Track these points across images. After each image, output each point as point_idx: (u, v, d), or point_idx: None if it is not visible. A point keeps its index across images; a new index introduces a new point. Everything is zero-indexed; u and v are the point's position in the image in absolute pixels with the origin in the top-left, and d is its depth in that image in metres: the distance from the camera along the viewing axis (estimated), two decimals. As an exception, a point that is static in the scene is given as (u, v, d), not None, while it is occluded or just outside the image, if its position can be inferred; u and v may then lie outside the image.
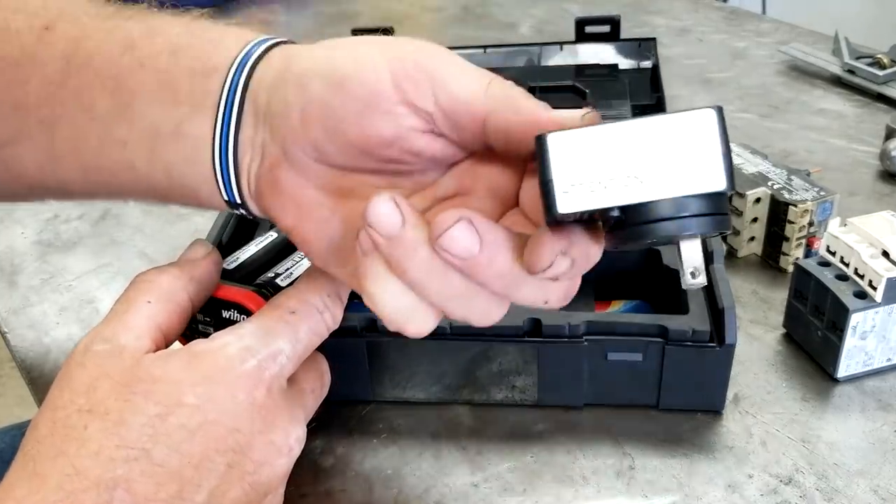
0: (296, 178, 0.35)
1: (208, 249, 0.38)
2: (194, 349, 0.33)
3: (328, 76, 0.34)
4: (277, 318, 0.35)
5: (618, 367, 0.44)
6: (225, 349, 0.33)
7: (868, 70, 0.80)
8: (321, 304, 0.37)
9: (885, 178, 0.67)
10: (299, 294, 0.37)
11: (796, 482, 0.42)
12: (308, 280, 0.38)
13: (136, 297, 0.35)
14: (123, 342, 0.34)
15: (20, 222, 0.70)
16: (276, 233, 0.46)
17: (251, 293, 0.40)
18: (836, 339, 0.46)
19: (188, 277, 0.37)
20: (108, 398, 0.32)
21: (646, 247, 0.47)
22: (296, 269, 0.43)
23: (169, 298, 0.35)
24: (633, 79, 0.73)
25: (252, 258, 0.44)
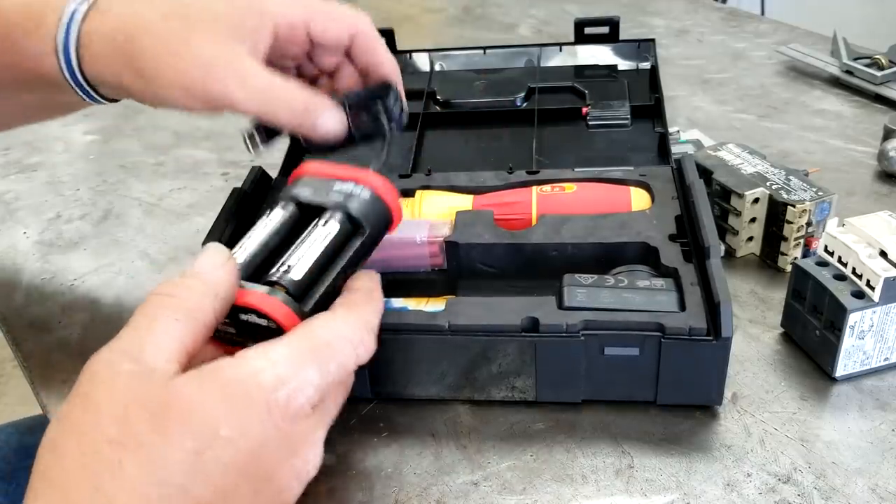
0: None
1: (225, 256, 0.37)
2: (226, 374, 0.32)
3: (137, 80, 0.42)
4: (311, 348, 0.35)
5: (615, 362, 0.44)
6: (257, 377, 0.32)
7: (866, 71, 0.80)
8: (357, 339, 0.37)
9: (883, 178, 0.67)
10: (336, 326, 0.36)
11: (794, 481, 0.42)
12: (346, 309, 0.38)
13: (161, 313, 0.34)
14: (153, 364, 0.32)
15: (22, 222, 0.71)
16: (274, 216, 0.43)
17: (273, 300, 0.37)
18: (834, 339, 0.46)
19: (213, 294, 0.35)
20: (141, 430, 0.30)
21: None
22: (308, 253, 0.40)
23: (195, 317, 0.34)
24: (632, 79, 0.73)
25: (259, 249, 0.41)
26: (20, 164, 0.80)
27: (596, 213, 0.52)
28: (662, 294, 0.45)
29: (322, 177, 0.43)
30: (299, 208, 0.43)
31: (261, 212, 0.44)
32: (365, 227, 0.41)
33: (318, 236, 0.40)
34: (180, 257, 0.64)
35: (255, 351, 0.34)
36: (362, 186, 0.42)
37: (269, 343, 0.34)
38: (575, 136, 0.65)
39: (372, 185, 0.42)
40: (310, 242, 0.40)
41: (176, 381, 0.31)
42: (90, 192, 0.74)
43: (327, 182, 0.43)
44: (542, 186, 0.55)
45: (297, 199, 0.43)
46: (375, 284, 0.41)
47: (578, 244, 0.50)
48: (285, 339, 0.35)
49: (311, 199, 0.42)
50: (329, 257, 0.40)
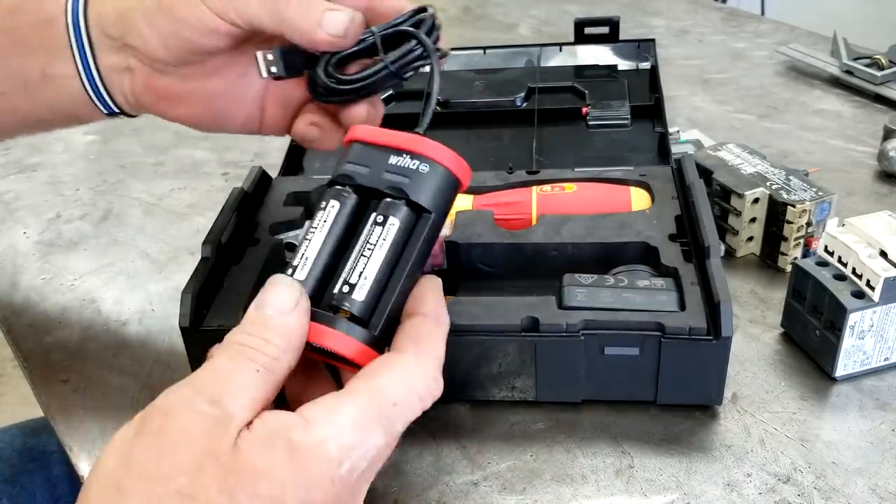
0: (170, 81, 0.44)
1: (296, 295, 0.35)
2: (293, 440, 0.31)
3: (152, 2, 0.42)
4: (378, 411, 0.33)
5: (615, 361, 0.44)
6: (325, 447, 0.31)
7: (866, 71, 0.80)
8: (425, 390, 0.34)
9: (883, 178, 0.67)
10: (405, 380, 0.34)
11: (794, 481, 0.42)
12: (416, 351, 0.35)
13: (244, 362, 0.32)
14: (232, 410, 0.31)
15: (22, 222, 0.71)
16: (331, 212, 0.38)
17: (343, 339, 0.35)
18: (834, 339, 0.46)
19: (290, 347, 0.34)
20: (210, 487, 0.29)
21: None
22: (369, 266, 0.36)
23: (274, 370, 0.33)
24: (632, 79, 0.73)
25: (320, 260, 0.37)
26: (20, 164, 0.80)
27: (596, 213, 0.52)
28: (662, 294, 0.45)
29: (375, 145, 0.38)
30: (355, 191, 0.38)
31: (317, 199, 0.40)
32: (430, 210, 0.37)
33: (378, 239, 0.36)
34: (180, 257, 0.64)
35: (323, 411, 0.32)
36: (420, 159, 0.37)
37: (336, 401, 0.32)
38: (575, 136, 0.65)
39: (430, 155, 0.37)
40: (369, 249, 0.36)
41: (248, 437, 0.30)
42: (90, 192, 0.74)
43: (381, 154, 0.38)
44: (542, 186, 0.55)
45: (352, 182, 0.38)
46: (441, 302, 0.38)
47: (578, 244, 0.50)
48: (351, 398, 0.33)
49: (366, 182, 0.38)
50: (393, 261, 0.37)
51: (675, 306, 0.44)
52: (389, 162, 0.37)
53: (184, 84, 0.44)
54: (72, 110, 0.47)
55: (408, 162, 0.37)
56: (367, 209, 0.38)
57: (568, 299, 0.45)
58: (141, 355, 0.54)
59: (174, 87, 0.44)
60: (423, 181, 0.37)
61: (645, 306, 0.44)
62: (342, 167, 0.39)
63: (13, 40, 0.45)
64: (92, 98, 0.45)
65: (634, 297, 0.45)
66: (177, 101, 0.45)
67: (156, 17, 0.42)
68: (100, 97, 0.45)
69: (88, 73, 0.44)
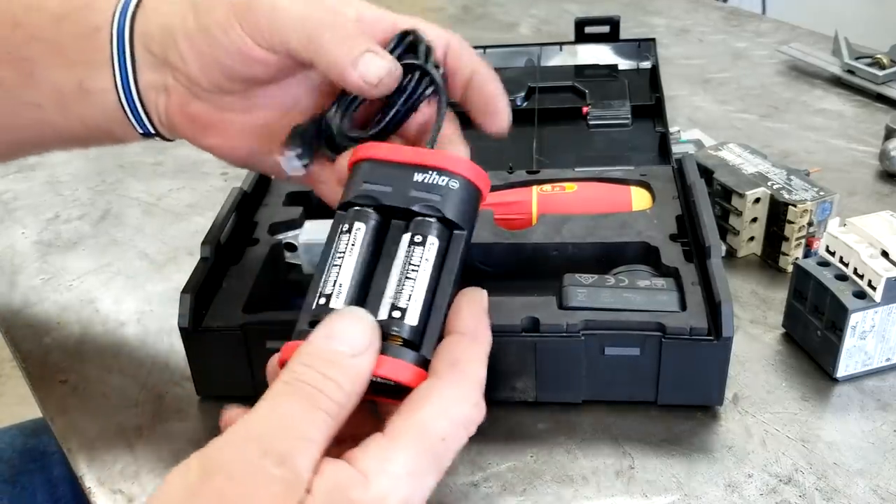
0: (206, 108, 0.42)
1: (369, 335, 0.32)
2: (355, 499, 0.29)
3: (193, 21, 0.40)
4: (428, 451, 0.31)
5: (616, 362, 0.44)
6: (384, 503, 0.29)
7: (868, 70, 0.80)
8: (468, 419, 0.33)
9: (885, 178, 0.67)
10: (449, 411, 0.32)
11: (796, 482, 0.42)
12: (455, 377, 0.33)
13: (316, 412, 0.30)
14: (301, 469, 0.28)
15: (20, 222, 0.70)
16: (357, 236, 0.36)
17: (403, 367, 0.33)
18: (835, 339, 0.46)
19: (358, 392, 0.32)
20: None
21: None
22: (416, 290, 0.35)
23: (339, 417, 0.31)
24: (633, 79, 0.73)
25: (356, 287, 0.35)
26: (19, 164, 0.80)
27: (596, 213, 0.51)
28: (663, 294, 0.45)
29: (393, 163, 0.37)
30: (378, 210, 0.37)
31: (336, 223, 0.37)
32: (463, 227, 0.36)
33: (420, 260, 0.35)
34: (179, 257, 0.64)
35: (376, 462, 0.30)
36: (447, 175, 0.36)
37: (388, 449, 0.30)
38: (575, 136, 0.65)
39: (457, 171, 0.36)
40: (413, 271, 0.35)
41: (313, 499, 0.28)
42: (89, 192, 0.74)
43: (402, 171, 0.36)
44: (542, 186, 0.54)
45: (376, 203, 0.36)
46: (482, 315, 0.36)
47: (579, 244, 0.50)
48: (401, 442, 0.31)
49: (393, 201, 0.36)
50: (435, 280, 0.35)
51: (676, 306, 0.44)
52: (415, 179, 0.36)
53: (220, 113, 0.42)
54: (106, 127, 0.45)
55: (435, 178, 0.36)
56: (390, 229, 0.37)
57: (568, 299, 0.45)
58: (140, 355, 0.54)
59: (210, 114, 0.42)
60: (454, 197, 0.36)
61: (645, 306, 0.44)
62: (359, 187, 0.37)
63: (55, 50, 0.43)
64: (128, 115, 0.43)
65: (635, 298, 0.44)
66: (211, 129, 0.43)
67: (194, 37, 0.40)
68: (136, 115, 0.43)
69: (127, 88, 0.42)
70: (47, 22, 0.43)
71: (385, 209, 0.37)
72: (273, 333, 0.46)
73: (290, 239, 0.53)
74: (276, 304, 0.51)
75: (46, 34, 0.43)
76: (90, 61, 0.42)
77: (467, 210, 0.37)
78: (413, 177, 0.36)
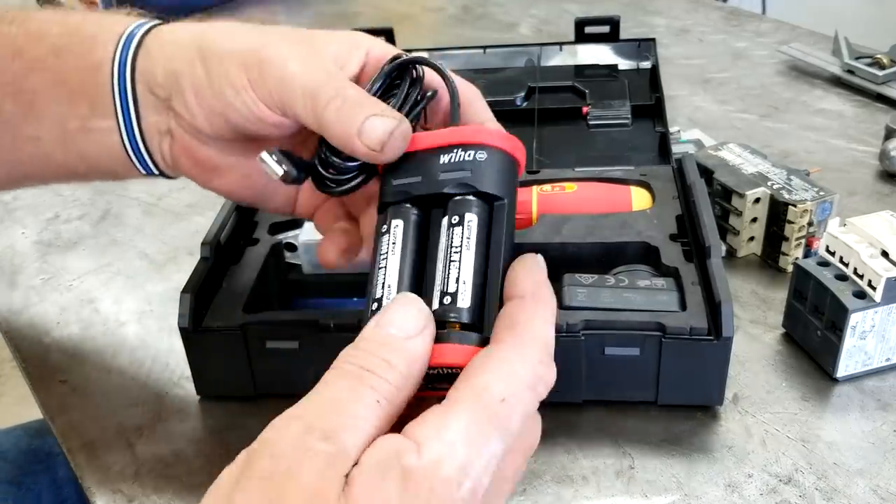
0: (212, 153, 0.41)
1: (424, 319, 0.31)
2: (406, 466, 0.27)
3: (202, 73, 0.39)
4: (487, 415, 0.29)
5: (616, 362, 0.44)
6: (440, 471, 0.27)
7: (868, 70, 0.80)
8: (534, 377, 0.30)
9: (885, 178, 0.67)
10: (508, 370, 0.30)
11: (796, 482, 0.42)
12: (514, 339, 0.31)
13: (364, 390, 0.29)
14: (348, 446, 0.27)
15: (20, 222, 0.70)
16: (396, 232, 0.35)
17: (468, 350, 0.32)
18: (835, 339, 0.46)
19: (414, 376, 0.30)
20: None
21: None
22: (463, 270, 0.33)
23: (395, 401, 0.29)
24: (633, 79, 0.73)
25: (405, 281, 0.34)
26: (19, 164, 0.80)
27: (596, 213, 0.51)
28: (663, 294, 0.45)
29: (416, 152, 0.36)
30: (415, 203, 0.36)
31: (377, 228, 0.36)
32: (501, 196, 0.35)
33: (461, 241, 0.34)
34: (179, 257, 0.64)
35: (431, 429, 0.28)
36: (473, 148, 0.35)
37: (443, 415, 0.29)
38: (575, 136, 0.65)
39: (482, 141, 0.35)
40: (455, 253, 0.34)
41: (358, 472, 0.27)
42: (89, 192, 0.74)
43: (428, 157, 0.36)
44: (542, 186, 0.54)
45: (409, 196, 0.36)
46: (540, 277, 0.33)
47: (579, 244, 0.49)
48: (457, 408, 0.29)
49: (424, 190, 0.35)
50: (483, 257, 0.34)
51: (676, 306, 0.44)
52: (441, 162, 0.35)
53: (224, 158, 0.41)
54: (108, 166, 0.43)
55: (461, 155, 0.35)
56: (431, 217, 0.36)
57: (568, 299, 0.45)
58: (140, 355, 0.54)
59: (215, 158, 0.41)
60: (485, 168, 0.35)
61: (645, 306, 0.44)
62: (390, 186, 0.36)
63: (56, 82, 0.41)
64: (131, 156, 0.42)
65: (635, 297, 0.44)
66: (215, 172, 0.42)
67: (203, 91, 0.38)
68: (139, 156, 0.42)
69: (129, 129, 0.41)
70: (48, 53, 0.41)
71: (420, 200, 0.36)
72: (273, 333, 0.46)
73: (290, 239, 0.53)
74: (276, 304, 0.51)
75: (47, 66, 0.41)
76: (92, 98, 0.41)
77: (502, 178, 0.35)
78: (438, 160, 0.36)
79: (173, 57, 0.40)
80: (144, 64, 0.40)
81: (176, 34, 0.41)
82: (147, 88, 0.40)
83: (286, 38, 0.39)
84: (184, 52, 0.39)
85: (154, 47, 0.40)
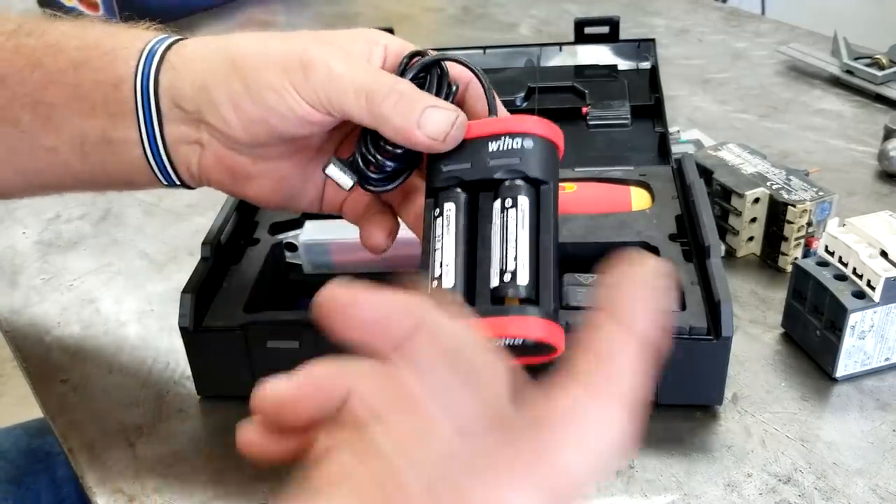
0: (245, 161, 0.42)
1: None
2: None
3: (238, 84, 0.39)
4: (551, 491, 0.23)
5: None
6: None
7: (867, 70, 0.80)
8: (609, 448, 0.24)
9: (884, 178, 0.67)
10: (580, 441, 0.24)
11: (795, 481, 0.42)
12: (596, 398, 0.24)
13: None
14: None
15: (21, 222, 0.70)
16: (449, 216, 0.38)
17: (533, 321, 0.33)
18: (834, 339, 0.46)
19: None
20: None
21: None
22: (520, 248, 0.36)
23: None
24: (633, 79, 0.73)
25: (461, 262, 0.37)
26: (19, 164, 0.80)
27: (596, 213, 0.51)
28: (663, 294, 0.45)
29: (465, 140, 0.39)
30: (465, 188, 0.38)
31: (427, 212, 0.39)
32: (548, 181, 0.38)
33: (516, 221, 0.36)
34: (180, 257, 0.64)
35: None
36: (520, 137, 0.38)
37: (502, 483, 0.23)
38: (575, 136, 0.65)
39: (528, 130, 0.38)
40: (511, 233, 0.36)
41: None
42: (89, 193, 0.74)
43: (476, 145, 0.38)
44: (542, 186, 0.54)
45: (460, 180, 0.38)
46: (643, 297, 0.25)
47: (578, 244, 0.50)
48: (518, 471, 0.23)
49: (476, 175, 0.38)
50: (536, 236, 0.36)
51: (676, 306, 0.44)
52: (490, 150, 0.38)
53: (256, 164, 0.42)
54: (128, 177, 0.44)
55: (509, 143, 0.38)
56: (480, 202, 0.38)
57: (568, 299, 0.45)
58: (140, 355, 0.54)
59: (248, 166, 0.42)
60: (532, 155, 0.37)
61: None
62: (440, 172, 0.39)
63: (75, 96, 0.42)
64: (153, 168, 0.43)
65: (635, 297, 0.44)
66: (248, 179, 0.43)
67: (242, 101, 0.39)
68: (162, 168, 0.43)
69: (153, 141, 0.42)
70: (68, 67, 0.42)
71: (470, 185, 0.38)
72: (273, 333, 0.46)
73: (291, 239, 0.53)
74: (277, 304, 0.51)
75: (67, 79, 0.41)
76: (113, 112, 0.41)
77: (547, 164, 0.38)
78: (487, 148, 0.38)
79: (202, 71, 0.40)
80: (168, 79, 0.41)
81: (199, 51, 0.41)
82: (173, 103, 0.41)
83: (317, 41, 0.40)
84: (214, 67, 0.40)
85: (178, 63, 0.41)
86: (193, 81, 0.40)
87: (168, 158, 0.42)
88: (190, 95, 0.40)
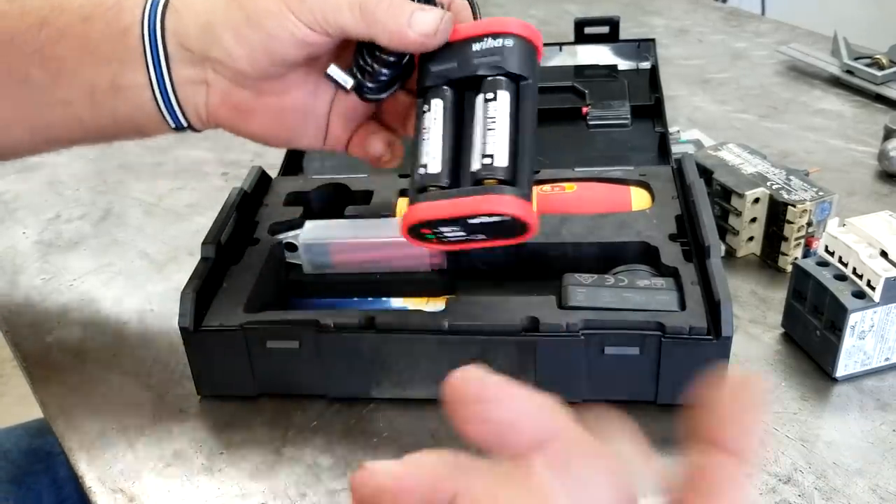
0: (248, 95, 0.44)
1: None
2: None
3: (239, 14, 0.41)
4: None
5: (616, 361, 0.44)
6: None
7: (867, 70, 0.80)
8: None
9: (884, 178, 0.67)
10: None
11: (795, 481, 0.42)
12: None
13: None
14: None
15: (21, 222, 0.70)
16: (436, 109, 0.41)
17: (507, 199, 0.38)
18: (834, 339, 0.46)
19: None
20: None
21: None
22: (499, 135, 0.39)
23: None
24: (632, 79, 0.73)
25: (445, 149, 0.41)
26: (19, 164, 0.80)
27: (596, 213, 0.51)
28: (663, 293, 0.45)
29: (450, 42, 0.41)
30: (451, 86, 0.42)
31: (418, 109, 0.42)
32: (528, 77, 0.41)
33: (497, 111, 0.40)
34: (180, 257, 0.64)
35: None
36: (501, 37, 0.41)
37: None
38: (575, 136, 0.65)
39: (509, 30, 0.41)
40: (492, 122, 0.40)
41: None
42: (90, 192, 0.74)
43: (461, 46, 0.41)
44: (542, 186, 0.55)
45: (447, 79, 0.41)
46: (751, 423, 0.24)
47: (578, 244, 0.50)
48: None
49: (461, 73, 0.41)
50: (515, 126, 0.40)
51: (676, 306, 0.44)
52: (473, 50, 0.41)
53: (260, 99, 0.44)
54: (138, 122, 0.46)
55: (491, 43, 0.41)
56: (465, 98, 0.41)
57: (568, 299, 0.45)
58: (141, 355, 0.54)
59: (251, 101, 0.44)
60: (512, 54, 0.40)
61: (645, 306, 0.44)
62: (428, 72, 0.42)
63: (84, 48, 0.44)
64: (162, 110, 0.45)
65: (635, 297, 0.44)
66: (252, 115, 0.45)
67: (243, 30, 0.41)
68: (170, 110, 0.45)
69: (161, 84, 0.44)
70: (74, 20, 0.44)
71: (456, 83, 0.41)
72: (273, 333, 0.46)
73: (291, 239, 0.53)
74: (277, 304, 0.51)
75: (74, 32, 0.44)
76: (122, 59, 0.43)
77: (526, 61, 0.41)
78: (472, 48, 0.41)
79: (204, 12, 0.42)
80: (173, 22, 0.43)
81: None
82: (179, 45, 0.43)
83: None
84: (214, 4, 0.42)
85: (181, 6, 0.43)
86: (197, 21, 0.43)
87: (176, 99, 0.44)
88: (195, 35, 0.43)
